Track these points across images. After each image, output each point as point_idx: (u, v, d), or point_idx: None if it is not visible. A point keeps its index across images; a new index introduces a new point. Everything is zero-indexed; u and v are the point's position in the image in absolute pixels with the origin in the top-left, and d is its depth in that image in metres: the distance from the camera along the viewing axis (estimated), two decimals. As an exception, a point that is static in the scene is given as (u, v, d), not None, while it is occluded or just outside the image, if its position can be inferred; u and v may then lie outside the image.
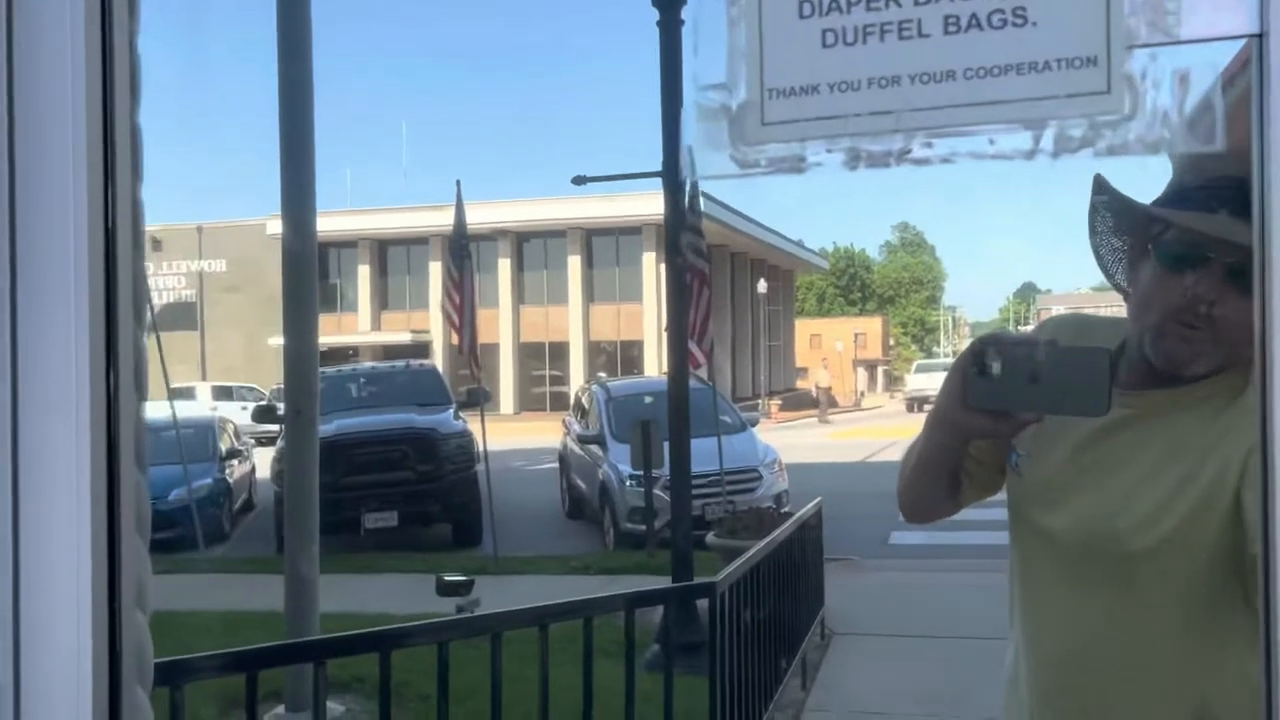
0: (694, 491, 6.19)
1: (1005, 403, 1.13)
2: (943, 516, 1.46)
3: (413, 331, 32.86)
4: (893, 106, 0.55)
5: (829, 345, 47.90)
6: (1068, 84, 0.52)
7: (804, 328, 49.66)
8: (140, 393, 0.86)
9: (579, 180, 14.01)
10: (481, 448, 10.03)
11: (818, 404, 33.56)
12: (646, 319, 31.57)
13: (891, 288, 71.70)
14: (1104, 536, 1.27)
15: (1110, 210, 1.33)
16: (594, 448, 11.06)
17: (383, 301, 35.02)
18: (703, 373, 9.33)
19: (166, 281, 34.63)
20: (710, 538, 7.46)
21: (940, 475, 1.35)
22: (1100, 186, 1.31)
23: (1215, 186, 1.19)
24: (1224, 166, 1.21)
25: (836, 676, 5.40)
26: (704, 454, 8.71)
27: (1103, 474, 1.28)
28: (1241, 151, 1.27)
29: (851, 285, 69.71)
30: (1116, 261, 1.37)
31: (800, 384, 42.25)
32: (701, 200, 9.50)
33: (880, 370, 54.51)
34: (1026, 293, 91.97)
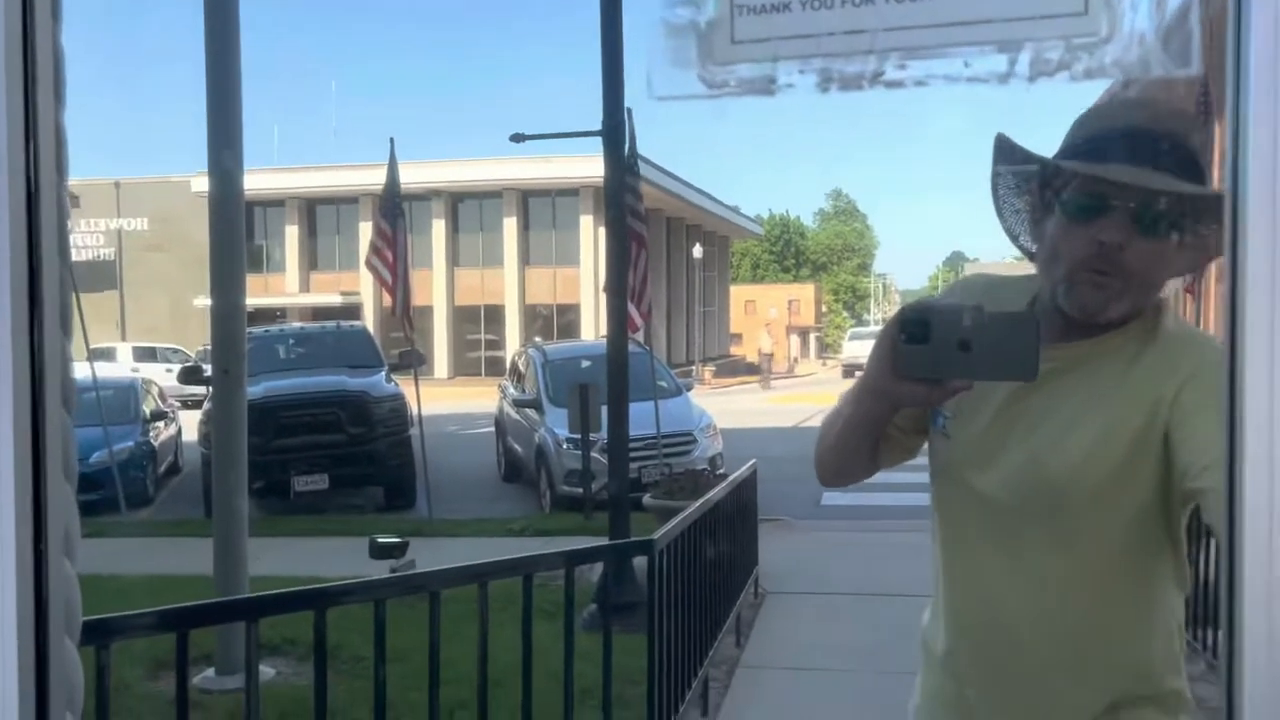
0: (631, 454, 6.20)
1: (936, 371, 1.14)
2: (859, 480, 1.48)
3: (343, 293, 32.24)
4: (867, 25, 0.53)
5: (764, 311, 48.26)
6: (1044, 4, 0.51)
7: (739, 294, 49.92)
8: (65, 330, 0.81)
9: (517, 138, 13.82)
10: (415, 411, 9.92)
11: (754, 370, 33.86)
12: (583, 282, 31.41)
13: (825, 255, 72.40)
14: (1038, 488, 1.28)
15: (1011, 172, 1.34)
16: (530, 411, 11.02)
17: (311, 262, 34.28)
18: (640, 337, 9.33)
19: (84, 239, 33.42)
20: (647, 499, 7.51)
21: (865, 442, 1.36)
22: (1001, 148, 1.32)
23: (1114, 135, 1.22)
24: (1122, 114, 1.23)
25: (769, 634, 5.49)
26: (641, 418, 8.72)
27: (1031, 427, 1.29)
28: (1139, 99, 1.28)
29: (786, 252, 70.22)
30: (1020, 223, 1.38)
31: (735, 350, 42.55)
32: (640, 164, 9.44)
33: (813, 337, 55.14)
34: (955, 261, 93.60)
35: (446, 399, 21.19)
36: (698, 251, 32.83)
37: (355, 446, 10.07)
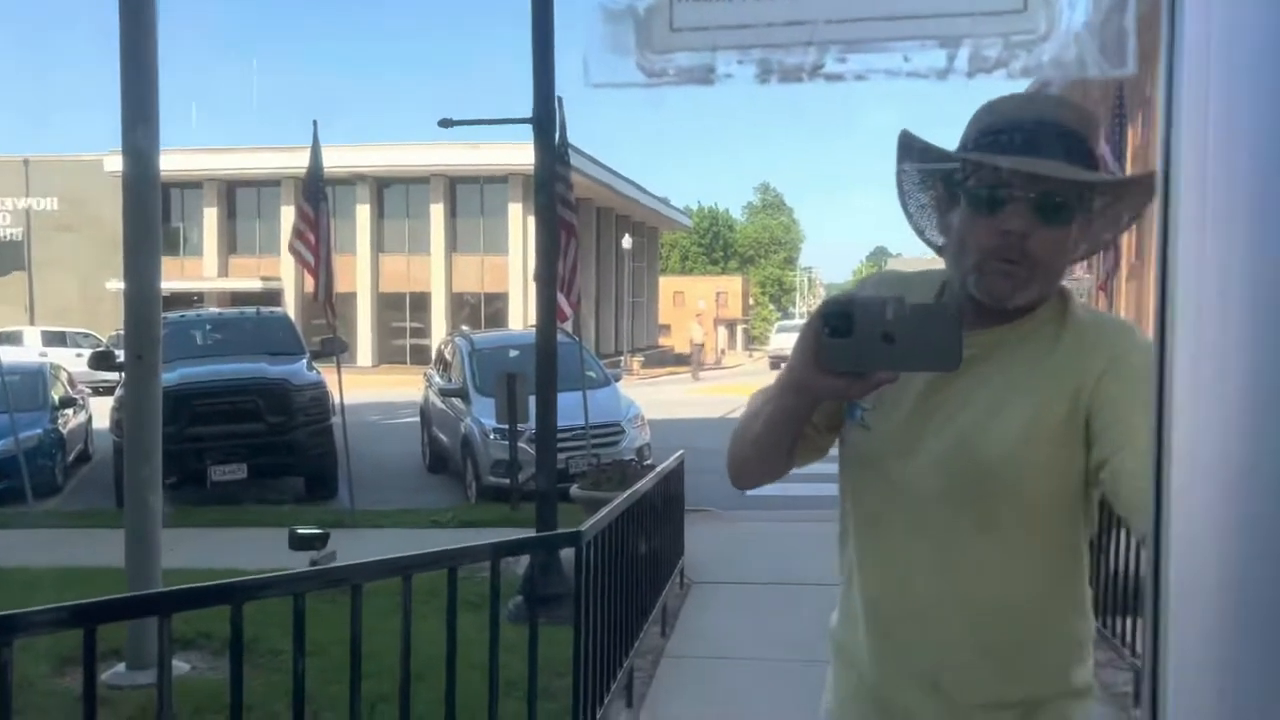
0: (559, 445, 6.17)
1: (860, 364, 1.14)
2: (772, 481, 1.46)
3: (263, 278, 31.47)
4: (808, 17, 0.52)
5: (692, 303, 48.50)
6: (984, 0, 0.51)
7: (667, 285, 50.08)
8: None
9: (445, 123, 13.59)
10: (337, 400, 9.73)
11: (683, 361, 34.02)
12: (512, 271, 31.17)
13: (752, 247, 73.03)
14: (965, 473, 1.29)
15: (913, 165, 1.37)
16: (457, 401, 10.89)
17: (231, 246, 33.39)
18: (569, 327, 9.29)
19: (-12, 218, 32.06)
20: (574, 490, 7.48)
21: (786, 440, 1.34)
22: (906, 145, 1.34)
23: (1014, 127, 1.25)
24: (1020, 107, 1.26)
25: (695, 623, 5.52)
26: (569, 408, 8.71)
27: (954, 413, 1.31)
28: (1033, 93, 1.31)
29: (714, 244, 70.65)
30: (925, 217, 1.41)
31: (663, 341, 42.69)
32: (570, 153, 9.39)
33: (740, 329, 55.62)
34: (879, 256, 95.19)
35: (370, 387, 20.84)
36: (627, 242, 32.83)
37: (275, 436, 9.85)
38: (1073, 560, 1.36)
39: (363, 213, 31.83)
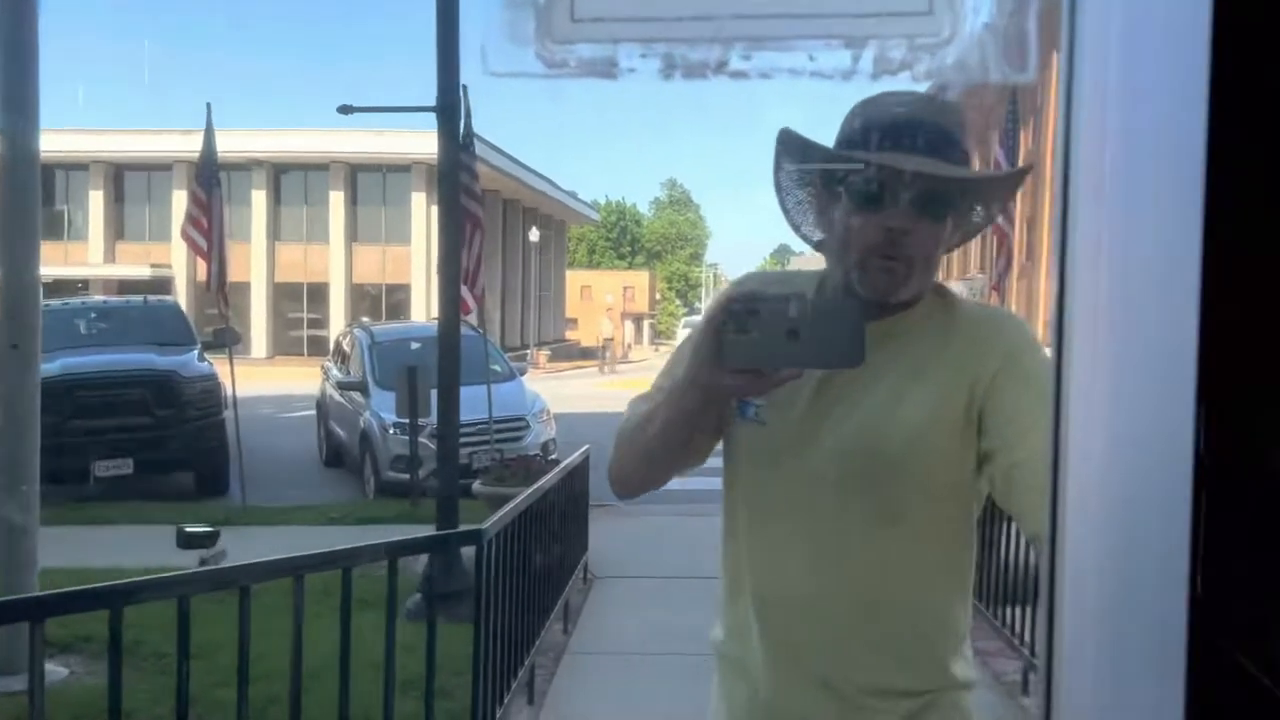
0: (461, 440, 6.08)
1: (765, 361, 1.13)
2: (656, 488, 1.44)
3: (153, 265, 30.28)
4: (713, 12, 0.51)
5: (599, 297, 48.52)
6: (891, 1, 0.50)
7: (574, 279, 50.00)
8: None
9: (345, 109, 13.21)
10: (230, 392, 9.42)
11: (589, 355, 34.00)
12: (415, 262, 30.66)
13: (659, 243, 73.40)
14: (868, 463, 1.29)
15: (793, 163, 1.38)
16: (355, 394, 10.67)
17: (118, 231, 32.04)
18: (473, 319, 9.17)
19: None
20: (477, 486, 7.40)
21: (679, 444, 1.31)
22: (788, 143, 1.35)
23: (893, 125, 1.26)
24: (897, 106, 1.28)
25: (597, 619, 5.52)
26: (473, 402, 8.60)
27: (855, 404, 1.30)
28: (906, 92, 1.34)
29: (622, 239, 70.78)
30: (802, 214, 1.42)
31: (570, 335, 42.58)
32: (476, 143, 9.26)
33: (647, 324, 55.88)
34: (782, 254, 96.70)
35: (264, 380, 20.22)
36: (534, 235, 32.64)
37: (163, 429, 9.49)
38: (964, 552, 1.38)
39: (259, 199, 30.90)
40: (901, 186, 1.24)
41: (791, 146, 1.35)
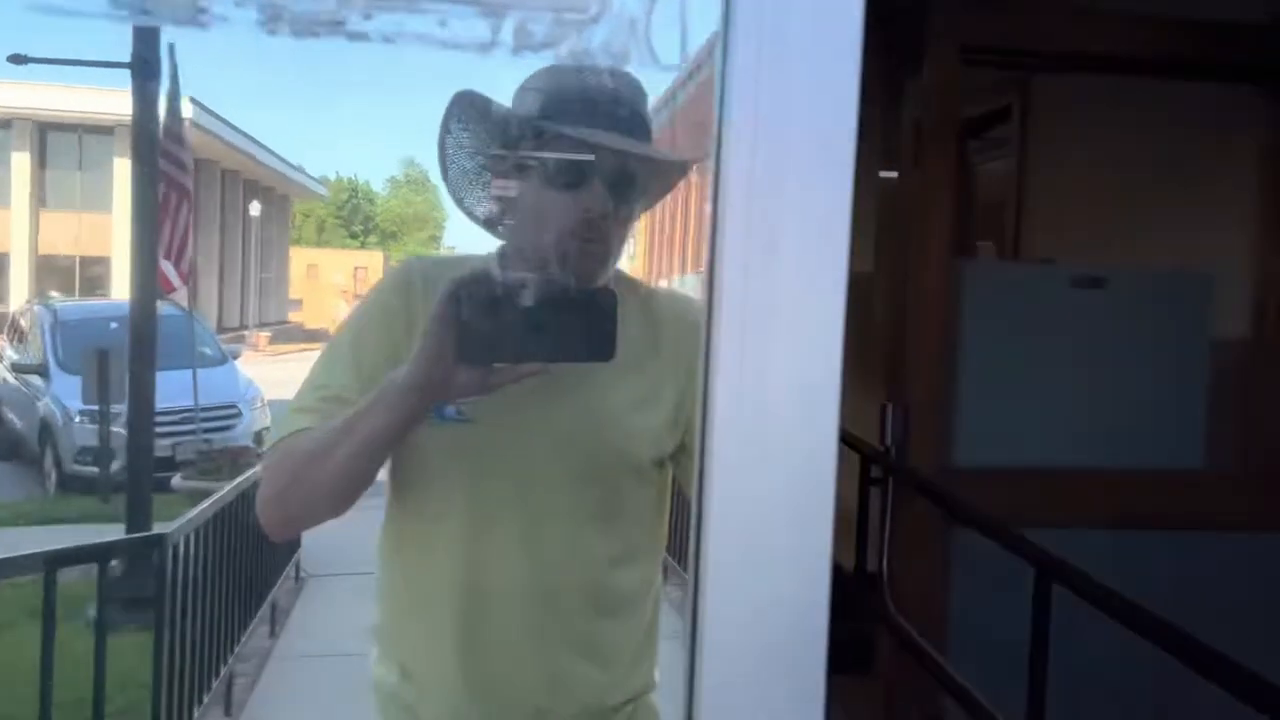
0: (164, 429, 5.57)
1: (507, 355, 1.03)
2: (326, 521, 1.22)
3: None
4: (324, -42, 0.43)
5: (327, 277, 46.30)
6: (533, -30, 0.45)
7: (300, 257, 47.35)
8: None
9: (18, 59, 11.63)
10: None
11: (316, 338, 32.35)
12: (116, 233, 27.81)
13: (395, 223, 71.21)
14: (592, 452, 1.23)
15: (469, 128, 1.25)
16: (34, 378, 9.58)
17: None
18: (181, 298, 8.46)
19: None
20: (177, 480, 6.84)
21: (380, 462, 1.15)
22: (467, 104, 1.21)
23: (588, 100, 1.17)
24: (588, 79, 1.22)
25: (309, 620, 5.23)
26: (178, 388, 7.97)
27: (571, 394, 1.22)
28: (594, 67, 1.30)
29: (354, 217, 68.03)
30: (466, 185, 1.30)
31: (294, 316, 40.37)
32: (192, 109, 8.52)
33: (378, 307, 54.00)
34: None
35: (-73, 359, 17.72)
36: (255, 209, 30.62)
37: None
38: (660, 551, 1.38)
39: (-78, 153, 26.99)
40: (603, 167, 1.17)
41: (470, 110, 1.22)
